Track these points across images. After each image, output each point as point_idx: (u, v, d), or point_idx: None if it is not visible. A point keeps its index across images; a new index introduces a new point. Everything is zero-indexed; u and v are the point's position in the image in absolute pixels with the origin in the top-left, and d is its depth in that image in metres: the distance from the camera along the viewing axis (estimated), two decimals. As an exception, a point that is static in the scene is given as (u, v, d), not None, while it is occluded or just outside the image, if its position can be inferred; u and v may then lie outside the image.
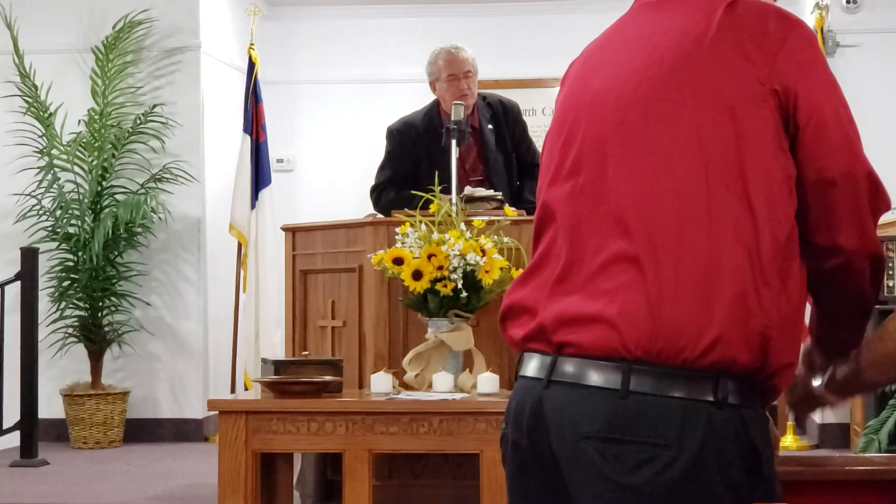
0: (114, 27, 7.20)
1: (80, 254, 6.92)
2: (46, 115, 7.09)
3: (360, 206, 7.47)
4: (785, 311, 1.61)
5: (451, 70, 5.30)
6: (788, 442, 6.38)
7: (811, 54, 1.66)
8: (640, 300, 1.59)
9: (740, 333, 1.57)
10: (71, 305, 6.95)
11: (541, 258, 1.76)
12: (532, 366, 1.71)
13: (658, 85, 1.66)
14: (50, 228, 7.02)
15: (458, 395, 4.01)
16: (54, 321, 6.90)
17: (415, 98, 8.27)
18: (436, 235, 4.29)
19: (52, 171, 7.06)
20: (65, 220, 7.01)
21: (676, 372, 1.57)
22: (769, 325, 1.58)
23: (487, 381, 4.06)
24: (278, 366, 4.19)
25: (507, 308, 1.78)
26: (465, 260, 4.21)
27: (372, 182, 5.52)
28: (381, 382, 4.13)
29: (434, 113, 5.38)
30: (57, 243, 7.00)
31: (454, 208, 4.54)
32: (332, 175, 8.42)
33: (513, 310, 1.77)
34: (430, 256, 4.21)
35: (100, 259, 6.83)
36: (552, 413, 1.65)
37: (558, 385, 1.64)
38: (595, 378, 1.60)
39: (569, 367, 1.64)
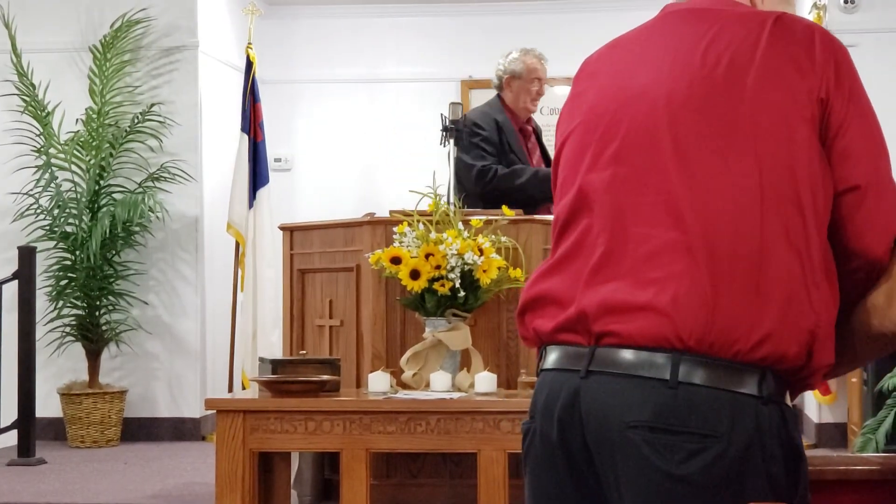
0: (111, 26, 7.20)
1: (77, 253, 6.91)
2: (44, 113, 7.09)
3: (357, 205, 7.49)
4: (832, 313, 1.64)
5: (539, 74, 5.72)
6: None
7: (850, 73, 1.72)
8: (694, 290, 1.59)
9: (791, 331, 1.59)
10: (68, 304, 6.95)
11: (573, 248, 1.73)
12: (559, 358, 1.70)
13: (715, 85, 1.69)
14: (47, 227, 7.01)
15: (456, 395, 4.01)
16: (52, 320, 6.90)
17: (413, 97, 8.31)
18: (433, 235, 4.29)
19: (49, 170, 7.05)
20: (62, 219, 7.00)
21: (727, 364, 1.58)
22: (818, 324, 1.61)
23: (485, 381, 4.06)
24: (276, 365, 4.19)
25: (531, 299, 1.76)
26: (463, 259, 4.21)
27: (472, 170, 5.58)
28: (378, 382, 4.13)
29: (498, 109, 5.69)
30: (54, 242, 6.99)
31: (452, 208, 4.54)
32: (329, 174, 8.42)
33: (537, 301, 1.75)
34: (427, 256, 4.21)
35: (97, 258, 6.82)
36: (591, 403, 1.64)
37: (599, 375, 1.63)
38: (642, 367, 1.60)
39: (611, 356, 1.63)
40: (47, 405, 6.89)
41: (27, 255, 6.29)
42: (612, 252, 1.67)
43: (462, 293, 4.22)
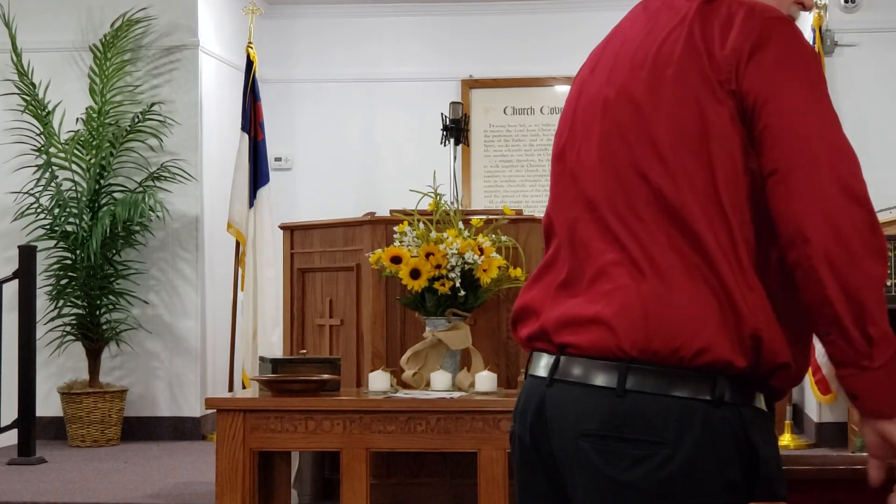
0: (112, 25, 7.20)
1: (78, 252, 6.92)
2: (44, 113, 7.08)
3: (358, 205, 7.49)
4: (773, 312, 1.60)
5: None
6: (786, 441, 6.38)
7: (779, 48, 1.61)
8: (635, 302, 1.60)
9: (731, 337, 1.58)
10: (69, 303, 6.95)
11: (549, 260, 1.78)
12: (539, 364, 1.73)
13: (639, 91, 1.67)
14: (48, 226, 7.01)
15: (456, 394, 4.01)
16: (52, 319, 6.90)
17: (413, 97, 8.30)
18: (434, 234, 4.29)
19: (50, 169, 7.05)
20: (63, 219, 7.00)
21: (673, 371, 1.58)
22: (759, 327, 1.58)
23: (485, 380, 4.06)
24: (276, 364, 4.19)
25: (518, 310, 1.81)
26: (464, 259, 4.21)
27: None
28: (378, 381, 4.13)
29: None
30: (55, 241, 6.99)
31: (453, 207, 4.54)
32: (330, 174, 8.42)
33: (523, 311, 1.79)
34: (428, 255, 4.21)
35: (98, 257, 6.82)
36: (553, 411, 1.67)
37: (560, 384, 1.66)
38: (593, 377, 1.62)
39: (569, 366, 1.66)
40: (48, 404, 6.89)
41: (27, 255, 6.29)
42: (575, 268, 1.71)
43: (462, 292, 4.22)
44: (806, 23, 7.13)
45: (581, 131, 1.75)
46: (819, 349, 6.22)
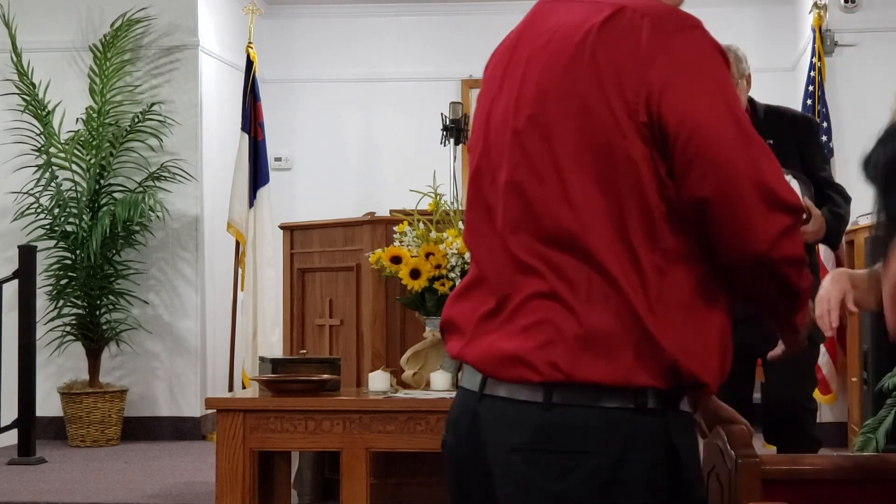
0: (112, 25, 7.20)
1: (77, 252, 6.92)
2: (44, 113, 7.09)
3: (358, 205, 7.49)
4: (692, 336, 1.62)
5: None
6: (786, 441, 6.38)
7: (686, 62, 1.58)
8: (553, 338, 1.60)
9: (649, 367, 1.59)
10: (69, 303, 6.95)
11: (474, 281, 1.76)
12: (468, 378, 1.75)
13: (544, 125, 1.64)
14: (48, 226, 7.01)
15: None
16: (52, 319, 6.90)
17: (413, 97, 8.30)
18: (434, 234, 4.29)
19: (49, 169, 7.06)
20: (63, 219, 7.00)
21: (597, 385, 1.60)
22: (675, 354, 1.60)
23: (485, 380, 4.06)
24: (276, 364, 4.19)
25: (447, 320, 1.80)
26: (463, 258, 4.21)
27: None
28: (378, 381, 4.13)
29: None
30: (55, 241, 6.99)
31: (453, 207, 4.54)
32: (330, 174, 8.43)
33: (451, 324, 1.79)
34: (427, 255, 4.21)
35: (98, 257, 6.82)
36: (485, 425, 1.69)
37: (490, 399, 1.68)
38: (520, 393, 1.64)
39: (496, 385, 1.67)
40: (48, 404, 6.89)
41: (27, 255, 6.29)
42: (497, 301, 1.69)
43: (462, 292, 4.21)
44: (806, 23, 7.14)
45: (495, 157, 1.71)
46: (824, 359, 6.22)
